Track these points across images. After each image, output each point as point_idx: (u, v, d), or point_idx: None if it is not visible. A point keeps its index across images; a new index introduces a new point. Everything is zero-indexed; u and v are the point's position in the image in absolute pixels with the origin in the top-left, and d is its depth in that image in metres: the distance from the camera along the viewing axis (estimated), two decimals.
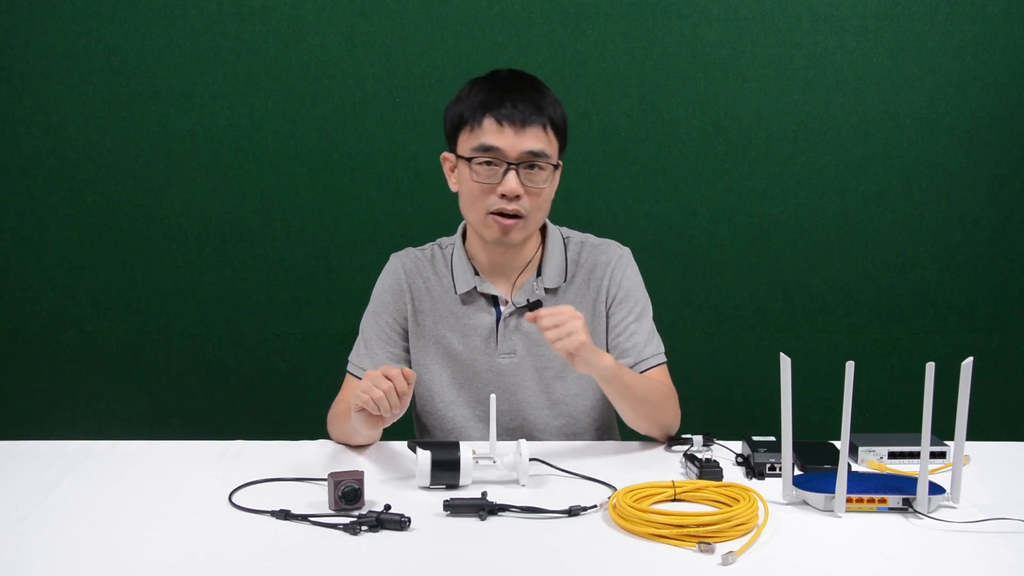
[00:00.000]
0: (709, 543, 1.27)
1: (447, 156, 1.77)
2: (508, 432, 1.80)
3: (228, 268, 2.66)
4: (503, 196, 1.67)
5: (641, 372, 1.78)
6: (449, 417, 1.82)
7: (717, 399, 2.67)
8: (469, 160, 1.68)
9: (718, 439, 1.70)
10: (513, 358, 1.80)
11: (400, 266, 1.85)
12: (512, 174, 1.66)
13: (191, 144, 2.60)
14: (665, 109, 2.61)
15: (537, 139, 1.67)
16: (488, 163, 1.68)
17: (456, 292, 1.80)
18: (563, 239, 1.85)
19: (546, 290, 1.80)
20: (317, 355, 2.68)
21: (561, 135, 1.73)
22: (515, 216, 1.69)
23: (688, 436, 1.70)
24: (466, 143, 1.70)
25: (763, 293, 2.71)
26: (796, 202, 2.66)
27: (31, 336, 2.69)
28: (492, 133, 1.66)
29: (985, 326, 2.72)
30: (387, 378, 1.52)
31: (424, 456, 1.48)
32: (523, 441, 1.51)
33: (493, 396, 1.54)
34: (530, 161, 1.67)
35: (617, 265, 1.82)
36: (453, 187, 1.78)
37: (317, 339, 2.69)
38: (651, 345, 1.82)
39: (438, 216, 2.60)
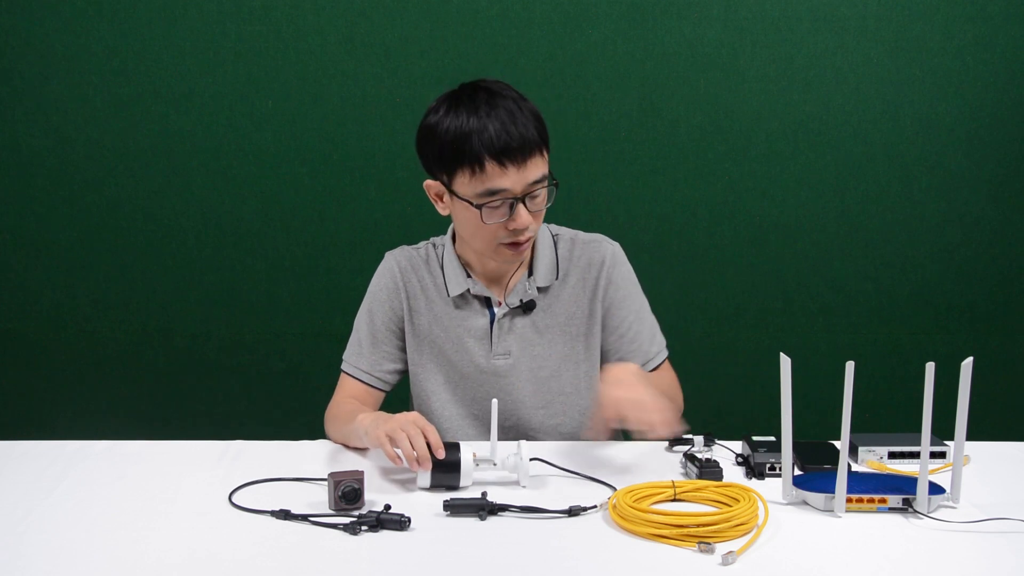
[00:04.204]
0: (709, 543, 1.27)
1: (432, 185, 1.70)
2: (503, 431, 1.80)
3: (228, 268, 2.66)
4: (513, 230, 1.65)
5: (650, 371, 1.80)
6: (445, 416, 1.82)
7: (717, 399, 2.67)
8: (477, 205, 1.63)
9: (718, 439, 1.69)
10: (508, 359, 1.80)
11: (395, 264, 1.83)
12: (520, 207, 1.63)
13: (191, 144, 2.60)
14: (665, 109, 2.61)
15: (537, 166, 1.63)
16: (495, 204, 1.63)
17: (448, 295, 1.79)
18: (552, 236, 1.84)
19: (538, 289, 1.79)
20: (317, 355, 2.68)
21: (548, 141, 1.68)
22: (525, 240, 1.68)
23: (688, 436, 1.70)
24: (468, 187, 1.63)
25: (763, 293, 2.71)
26: (796, 202, 2.66)
27: (31, 336, 2.69)
28: (496, 176, 1.60)
29: (985, 326, 2.72)
30: (422, 433, 1.47)
31: None
32: (523, 442, 1.51)
33: (495, 401, 1.52)
34: (534, 191, 1.64)
35: (611, 264, 1.81)
36: (443, 212, 1.73)
37: (317, 339, 2.69)
38: (655, 343, 1.83)
39: (438, 216, 2.61)
